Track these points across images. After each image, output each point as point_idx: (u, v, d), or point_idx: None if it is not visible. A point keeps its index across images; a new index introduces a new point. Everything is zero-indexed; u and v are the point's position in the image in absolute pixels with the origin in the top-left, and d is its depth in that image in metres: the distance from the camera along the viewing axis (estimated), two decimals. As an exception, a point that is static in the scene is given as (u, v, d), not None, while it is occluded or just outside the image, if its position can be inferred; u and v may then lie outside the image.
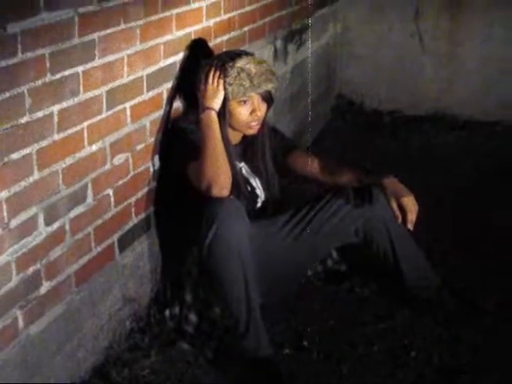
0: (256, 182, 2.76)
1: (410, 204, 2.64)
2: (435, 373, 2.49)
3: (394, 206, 2.65)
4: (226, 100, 2.56)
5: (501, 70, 4.73)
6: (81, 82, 2.15)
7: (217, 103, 2.52)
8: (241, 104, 2.59)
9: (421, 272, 2.80)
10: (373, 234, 2.76)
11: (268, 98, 2.64)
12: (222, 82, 2.52)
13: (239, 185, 2.63)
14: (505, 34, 4.69)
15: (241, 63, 2.55)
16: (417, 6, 4.77)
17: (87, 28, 2.14)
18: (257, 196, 2.76)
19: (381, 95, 5.00)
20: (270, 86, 2.61)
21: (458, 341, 2.63)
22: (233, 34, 3.11)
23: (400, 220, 2.65)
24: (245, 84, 2.55)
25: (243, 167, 2.74)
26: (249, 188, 2.73)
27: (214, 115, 2.49)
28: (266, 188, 2.79)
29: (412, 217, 2.63)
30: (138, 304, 2.65)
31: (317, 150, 3.33)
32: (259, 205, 2.78)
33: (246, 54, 2.62)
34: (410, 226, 2.66)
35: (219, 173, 2.40)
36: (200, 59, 2.68)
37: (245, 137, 2.73)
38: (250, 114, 2.58)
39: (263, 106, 2.63)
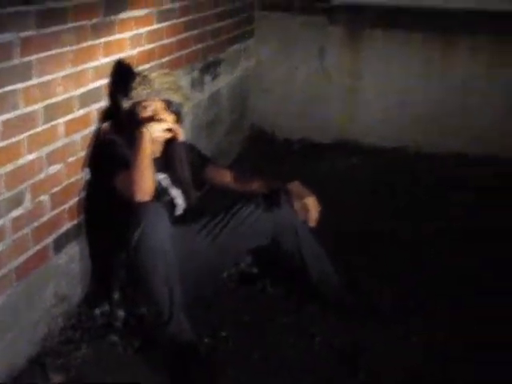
0: (176, 192, 3.07)
1: (312, 204, 3.02)
2: (337, 355, 2.84)
3: (298, 206, 3.02)
4: (131, 104, 2.89)
5: (398, 101, 5.17)
6: (20, 97, 2.44)
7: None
8: (145, 110, 2.90)
9: (324, 270, 3.13)
10: (281, 235, 3.08)
11: (174, 110, 2.95)
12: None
13: (160, 193, 2.94)
14: (400, 68, 5.12)
15: (146, 72, 2.91)
16: (321, 44, 5.20)
17: (27, 50, 2.44)
18: (176, 204, 3.06)
19: (290, 125, 5.37)
20: (171, 96, 2.93)
21: (356, 330, 2.98)
22: (153, 63, 3.44)
23: (303, 218, 3.01)
24: (146, 88, 2.88)
25: (165, 178, 3.05)
26: (169, 197, 3.04)
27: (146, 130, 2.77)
28: (184, 197, 3.11)
29: (314, 215, 3.01)
30: (69, 302, 2.92)
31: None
32: (179, 212, 3.08)
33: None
34: (312, 223, 3.02)
35: (146, 180, 2.69)
36: (124, 82, 3.00)
37: (165, 151, 3.04)
38: None
39: (167, 115, 2.90)
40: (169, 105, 2.93)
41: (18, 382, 2.57)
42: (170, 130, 2.86)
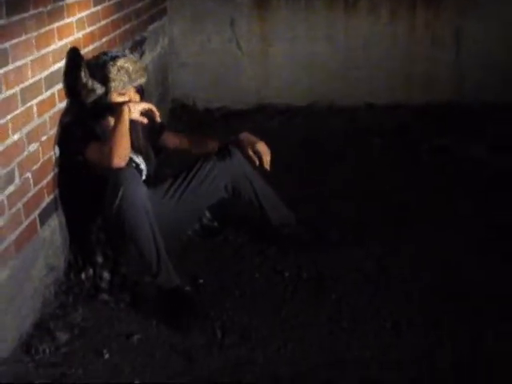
0: (139, 159, 3.33)
1: (263, 148, 3.34)
2: (305, 283, 3.21)
3: (251, 152, 3.33)
4: (108, 92, 3.13)
5: (306, 62, 5.58)
6: (2, 82, 2.64)
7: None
8: (120, 96, 3.16)
9: (280, 212, 3.49)
10: (239, 186, 3.41)
11: (140, 91, 3.24)
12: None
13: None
14: (306, 33, 5.53)
15: (120, 62, 3.12)
16: (231, 15, 5.52)
17: (2, 38, 2.63)
18: (141, 170, 3.31)
19: (209, 95, 5.67)
20: (143, 80, 3.21)
21: (318, 261, 3.36)
22: (96, 44, 3.65)
23: (257, 163, 3.33)
24: (124, 79, 3.13)
25: (126, 147, 3.30)
26: (134, 164, 3.29)
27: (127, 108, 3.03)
28: (146, 164, 3.37)
29: (266, 158, 3.33)
30: (57, 271, 3.14)
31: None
32: (144, 177, 3.34)
33: (123, 54, 3.20)
34: (267, 166, 3.34)
35: (124, 147, 2.97)
36: (78, 63, 3.22)
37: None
38: None
39: (137, 97, 3.21)
40: (137, 88, 3.19)
41: (29, 344, 2.79)
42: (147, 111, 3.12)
